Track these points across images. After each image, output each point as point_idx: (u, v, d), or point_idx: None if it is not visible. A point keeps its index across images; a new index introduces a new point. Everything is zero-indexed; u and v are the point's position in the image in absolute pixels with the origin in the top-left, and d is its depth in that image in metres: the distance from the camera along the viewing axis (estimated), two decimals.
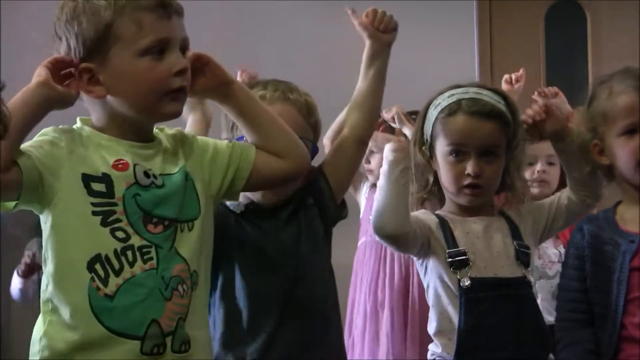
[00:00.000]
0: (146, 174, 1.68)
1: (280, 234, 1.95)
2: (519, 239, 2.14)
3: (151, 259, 1.64)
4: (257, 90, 1.95)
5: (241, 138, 1.88)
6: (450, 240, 2.09)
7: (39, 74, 1.62)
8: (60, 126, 1.69)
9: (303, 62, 4.17)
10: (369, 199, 3.47)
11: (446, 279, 2.07)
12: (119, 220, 1.63)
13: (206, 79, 1.77)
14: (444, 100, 2.14)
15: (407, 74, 4.20)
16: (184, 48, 1.71)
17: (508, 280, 2.05)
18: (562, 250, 3.20)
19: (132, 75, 1.66)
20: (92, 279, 1.60)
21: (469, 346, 2.04)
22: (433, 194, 2.20)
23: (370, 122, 2.08)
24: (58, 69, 1.64)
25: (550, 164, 3.29)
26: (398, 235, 2.04)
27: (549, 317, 3.00)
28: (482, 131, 2.09)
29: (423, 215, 2.14)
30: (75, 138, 1.67)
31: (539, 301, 3.03)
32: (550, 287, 3.12)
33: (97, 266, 1.60)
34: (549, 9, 4.65)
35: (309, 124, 2.00)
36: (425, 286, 2.16)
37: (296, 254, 1.94)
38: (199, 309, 1.71)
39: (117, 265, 1.61)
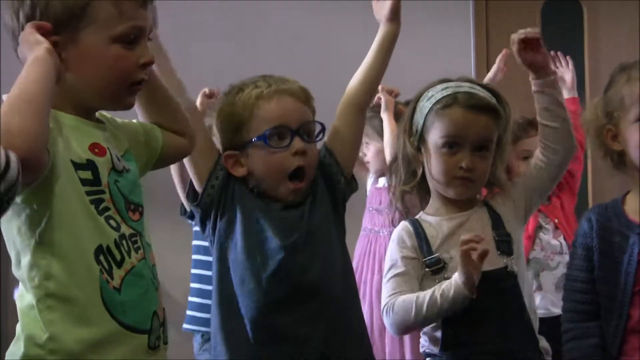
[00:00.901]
0: (117, 159, 1.63)
1: (285, 214, 1.96)
2: (499, 228, 2.14)
3: (139, 248, 1.61)
4: (249, 90, 1.95)
5: (248, 143, 1.91)
6: (426, 249, 2.10)
7: (38, 40, 1.49)
8: None
9: (301, 61, 4.18)
10: (370, 191, 3.49)
11: (428, 285, 2.07)
12: (108, 209, 1.57)
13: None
14: (437, 93, 2.15)
15: (405, 71, 4.22)
16: (149, 37, 1.66)
17: (488, 273, 2.04)
18: (563, 242, 3.22)
19: (100, 60, 1.58)
20: (101, 271, 1.52)
21: (456, 342, 2.05)
22: (417, 189, 2.20)
23: (368, 89, 2.12)
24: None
25: None
26: None
27: (554, 309, 3.03)
28: (478, 125, 2.11)
29: (408, 261, 2.12)
30: (51, 117, 1.50)
31: (542, 293, 3.07)
32: (553, 279, 3.14)
33: (102, 258, 1.53)
34: (545, 3, 4.65)
35: (310, 108, 2.01)
36: None
37: (301, 225, 1.94)
38: None
39: (118, 256, 1.55)
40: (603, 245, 2.11)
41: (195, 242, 3.39)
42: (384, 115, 3.21)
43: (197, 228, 3.39)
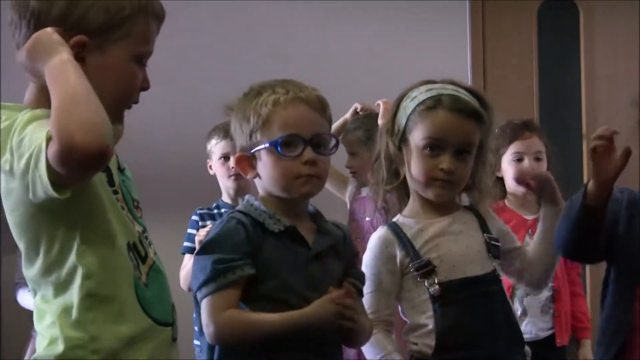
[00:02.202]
0: (117, 158, 1.66)
1: (310, 267, 1.92)
2: (488, 231, 2.15)
3: (151, 243, 1.64)
4: (267, 95, 1.93)
5: (260, 148, 1.91)
6: (412, 254, 2.09)
7: (61, 42, 1.48)
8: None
9: (295, 62, 4.18)
10: (354, 201, 3.50)
11: (416, 290, 2.07)
12: (123, 208, 1.60)
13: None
14: (420, 94, 2.14)
15: (401, 71, 4.23)
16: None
17: (477, 278, 2.06)
18: None
19: (120, 73, 1.60)
20: (134, 268, 1.55)
21: (447, 346, 2.05)
22: (397, 189, 2.19)
23: None
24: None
25: (538, 159, 3.30)
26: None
27: (540, 333, 3.05)
28: (462, 129, 2.10)
29: (386, 261, 2.12)
30: None
31: (528, 318, 3.08)
32: (538, 303, 3.13)
33: (131, 254, 1.56)
34: (541, 5, 4.66)
35: (325, 118, 1.98)
36: None
37: (324, 289, 1.91)
38: None
39: (142, 252, 1.59)
40: (629, 218, 2.19)
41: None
42: (381, 121, 3.23)
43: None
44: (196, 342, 3.32)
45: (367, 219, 3.46)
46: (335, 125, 3.22)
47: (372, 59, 4.35)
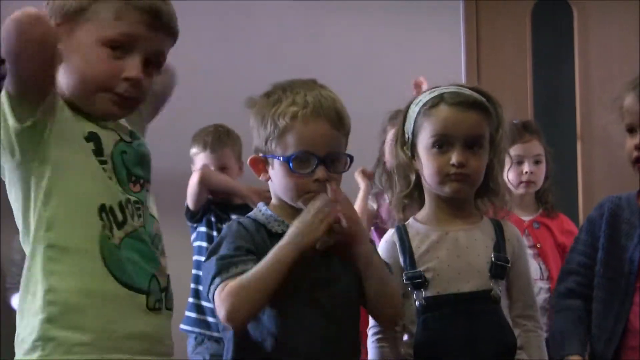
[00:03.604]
0: (129, 134, 1.70)
1: (316, 266, 1.90)
2: (500, 251, 2.10)
3: (140, 215, 1.64)
4: (286, 106, 1.90)
5: (272, 156, 1.90)
6: (409, 262, 2.07)
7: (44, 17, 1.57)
8: None
9: (290, 61, 4.18)
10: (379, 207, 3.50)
11: (410, 296, 2.06)
12: (110, 178, 1.62)
13: None
14: (425, 97, 2.13)
15: (395, 71, 4.23)
16: (155, 63, 1.69)
17: (464, 295, 2.03)
18: (543, 266, 3.21)
19: (82, 59, 1.62)
20: (104, 226, 1.58)
21: (426, 357, 2.02)
22: (414, 198, 2.17)
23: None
24: None
25: (537, 162, 3.32)
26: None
27: None
28: (466, 121, 2.08)
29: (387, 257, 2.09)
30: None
31: None
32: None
33: (104, 215, 1.58)
34: (535, 5, 4.66)
35: (343, 133, 1.96)
36: None
37: (333, 290, 1.91)
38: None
39: (120, 218, 1.60)
40: (611, 231, 2.18)
41: (196, 244, 3.39)
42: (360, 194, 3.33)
43: (202, 229, 3.40)
44: (183, 326, 3.34)
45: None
46: (359, 204, 3.30)
47: (367, 60, 4.34)
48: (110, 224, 1.58)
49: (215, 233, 3.35)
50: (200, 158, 3.42)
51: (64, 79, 1.63)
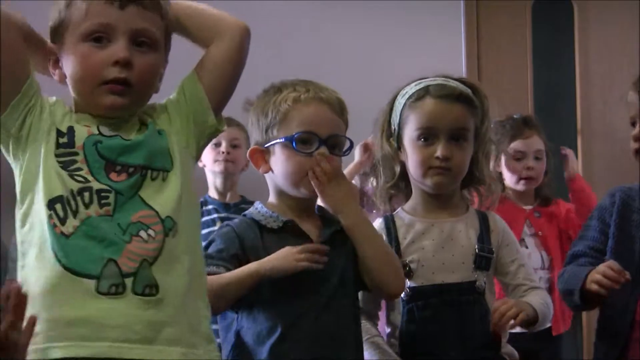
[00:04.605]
0: (112, 130, 1.69)
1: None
2: (484, 242, 2.11)
3: (108, 204, 1.63)
4: (287, 92, 1.95)
5: (274, 143, 1.93)
6: (394, 249, 2.08)
7: None
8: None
9: (291, 59, 4.19)
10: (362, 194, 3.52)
11: None
12: (79, 169, 1.64)
13: None
14: (410, 89, 2.15)
15: (395, 70, 4.24)
16: (139, 40, 1.68)
17: (450, 286, 2.05)
18: (545, 256, 3.23)
19: (72, 60, 1.66)
20: (50, 217, 1.60)
21: (412, 352, 2.05)
22: (400, 189, 2.19)
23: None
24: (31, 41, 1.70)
25: (537, 158, 3.33)
26: None
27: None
28: (451, 114, 2.09)
29: None
30: (65, 105, 1.71)
31: None
32: None
33: (58, 206, 1.61)
34: (535, 3, 4.66)
35: (343, 120, 2.00)
36: None
37: (330, 283, 1.93)
38: (176, 256, 1.65)
39: (74, 206, 1.61)
40: (622, 221, 2.19)
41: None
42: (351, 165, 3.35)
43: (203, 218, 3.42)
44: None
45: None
46: (349, 169, 3.28)
47: (367, 58, 4.35)
48: (66, 212, 1.61)
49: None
50: None
51: (71, 88, 1.70)
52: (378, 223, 2.16)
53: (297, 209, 1.99)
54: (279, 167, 1.95)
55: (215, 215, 3.47)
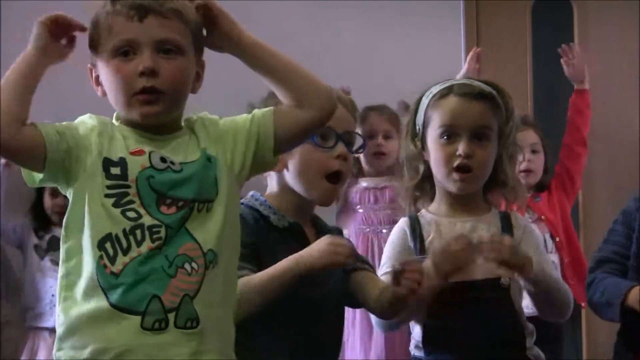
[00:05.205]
0: (162, 159, 1.72)
1: None
2: None
3: (160, 238, 1.67)
4: None
5: None
6: (419, 248, 2.10)
7: (32, 37, 1.71)
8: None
9: (296, 59, 4.19)
10: (357, 192, 3.53)
11: None
12: (132, 202, 1.68)
13: (215, 35, 1.78)
14: (435, 88, 2.16)
15: (395, 71, 4.24)
16: (164, 48, 1.72)
17: (475, 283, 2.05)
18: (549, 239, 3.24)
19: (106, 76, 1.74)
20: (101, 257, 1.65)
21: (435, 345, 2.05)
22: (424, 191, 2.19)
23: None
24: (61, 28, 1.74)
25: (534, 151, 3.36)
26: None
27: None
28: (473, 112, 2.10)
29: (401, 244, 2.14)
30: (107, 124, 1.75)
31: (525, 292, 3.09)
32: None
33: (108, 245, 1.65)
34: (535, 3, 4.66)
35: (354, 118, 2.04)
36: None
37: (326, 285, 1.94)
38: (215, 287, 1.71)
39: (125, 244, 1.65)
40: None
41: None
42: None
43: None
44: None
45: (360, 210, 3.50)
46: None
47: (367, 58, 4.35)
48: (116, 251, 1.66)
49: None
50: None
51: (112, 102, 1.76)
52: (402, 221, 2.17)
53: (300, 210, 1.99)
54: (298, 163, 1.96)
55: None
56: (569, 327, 3.42)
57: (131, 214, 1.67)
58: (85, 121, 1.74)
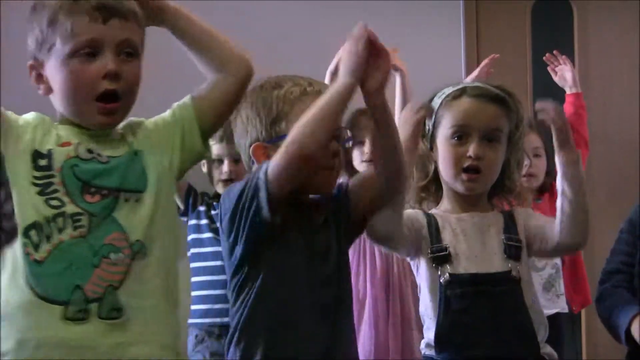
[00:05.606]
0: (89, 151, 1.74)
1: (316, 236, 1.94)
2: (511, 232, 2.13)
3: (82, 226, 1.69)
4: (290, 86, 1.94)
5: (283, 137, 1.86)
6: (435, 236, 2.10)
7: None
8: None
9: (289, 60, 4.18)
10: None
11: (430, 276, 2.08)
12: (56, 191, 1.70)
13: (144, 10, 1.81)
14: (448, 89, 2.17)
15: (395, 72, 4.23)
16: (124, 50, 1.74)
17: (487, 275, 2.06)
18: None
19: (62, 76, 1.73)
20: (25, 244, 1.67)
21: (447, 343, 2.05)
22: (430, 192, 2.20)
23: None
24: None
25: (536, 155, 3.35)
26: (389, 236, 2.03)
27: (544, 310, 3.06)
28: (486, 113, 2.12)
29: (414, 214, 2.15)
30: (46, 121, 1.77)
31: None
32: (540, 280, 3.16)
33: (32, 232, 1.68)
34: (535, 4, 4.67)
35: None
36: (418, 288, 2.18)
37: (328, 261, 1.93)
38: (145, 278, 1.72)
39: (47, 232, 1.68)
40: None
41: (189, 238, 3.39)
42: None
43: (192, 222, 3.41)
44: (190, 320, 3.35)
45: None
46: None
47: None
48: (40, 239, 1.67)
49: (205, 221, 3.35)
50: (215, 149, 3.38)
51: (58, 105, 1.77)
52: (420, 216, 2.15)
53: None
54: None
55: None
56: (569, 327, 3.42)
57: (54, 202, 1.69)
58: (27, 116, 1.77)
